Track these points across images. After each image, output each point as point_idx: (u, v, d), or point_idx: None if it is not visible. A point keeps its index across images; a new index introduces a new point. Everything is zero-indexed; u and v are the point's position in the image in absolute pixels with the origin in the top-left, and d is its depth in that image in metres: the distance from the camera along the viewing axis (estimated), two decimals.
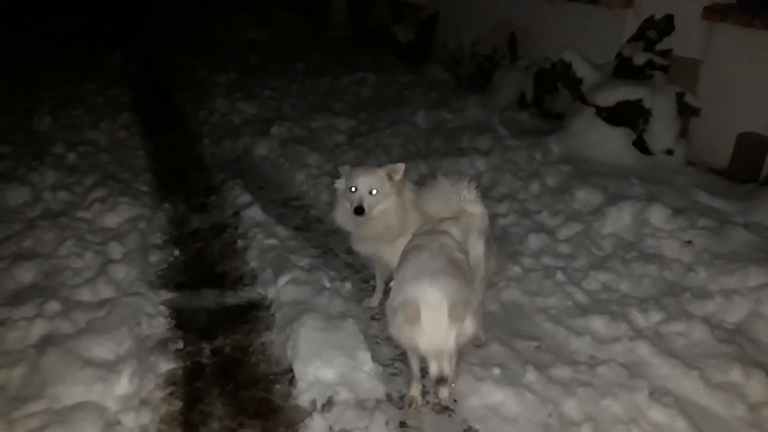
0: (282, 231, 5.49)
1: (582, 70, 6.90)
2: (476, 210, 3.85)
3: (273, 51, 12.44)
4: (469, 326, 3.04)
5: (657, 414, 3.41)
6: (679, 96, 6.47)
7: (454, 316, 2.92)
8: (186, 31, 14.60)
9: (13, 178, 6.12)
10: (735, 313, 4.15)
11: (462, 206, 3.80)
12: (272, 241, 5.26)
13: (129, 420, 3.36)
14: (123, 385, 3.55)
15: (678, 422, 3.35)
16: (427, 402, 3.59)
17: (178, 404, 3.65)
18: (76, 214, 5.54)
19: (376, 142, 7.37)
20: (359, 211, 3.93)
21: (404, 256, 3.46)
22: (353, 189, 3.96)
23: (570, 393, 3.54)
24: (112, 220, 5.48)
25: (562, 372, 3.74)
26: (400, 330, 3.06)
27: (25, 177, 6.16)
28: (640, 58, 6.69)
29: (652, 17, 6.72)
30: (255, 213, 5.77)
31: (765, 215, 5.09)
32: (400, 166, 4.03)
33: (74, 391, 3.41)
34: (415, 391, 3.56)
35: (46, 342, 3.80)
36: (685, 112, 6.51)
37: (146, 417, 3.44)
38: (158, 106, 9.75)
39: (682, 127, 6.57)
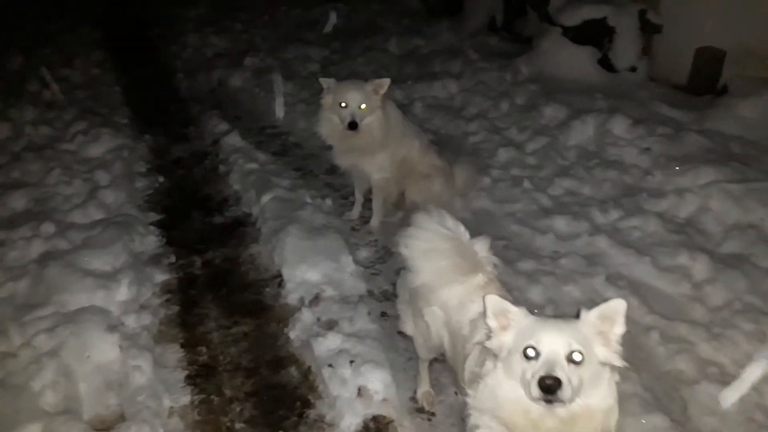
0: (262, 156, 5.69)
1: None
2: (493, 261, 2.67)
3: None
4: None
5: (612, 295, 3.76)
6: (642, 13, 6.66)
7: None
8: None
9: None
10: (686, 208, 4.49)
11: (480, 260, 2.61)
12: (253, 165, 5.48)
13: (131, 321, 3.65)
14: (123, 292, 3.83)
15: (631, 301, 3.70)
16: None
17: (175, 308, 3.96)
18: (60, 146, 5.69)
19: (350, 70, 7.50)
20: (353, 126, 4.10)
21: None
22: (343, 104, 4.13)
23: (534, 281, 3.90)
24: (95, 150, 5.65)
25: (527, 265, 4.08)
26: None
27: (4, 113, 6.25)
28: None
29: None
30: (234, 140, 5.96)
31: (717, 122, 5.40)
32: (386, 81, 4.22)
33: (78, 297, 3.69)
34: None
35: (46, 258, 4.05)
36: (648, 29, 6.71)
37: (147, 319, 3.73)
38: (130, 43, 9.70)
39: (644, 45, 6.78)
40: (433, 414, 3.15)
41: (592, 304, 3.60)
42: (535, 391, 1.85)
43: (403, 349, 3.52)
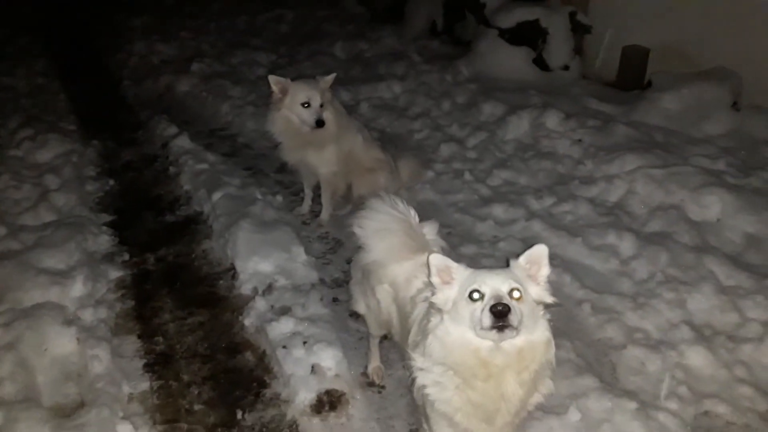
0: (211, 157, 5.79)
1: None
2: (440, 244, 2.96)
3: None
4: None
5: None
6: (572, 15, 7.07)
7: None
8: None
9: None
10: (615, 193, 4.84)
11: (427, 241, 2.86)
12: (203, 166, 5.58)
13: (87, 315, 3.73)
14: (78, 288, 3.91)
15: (564, 277, 4.02)
16: None
17: (130, 303, 4.06)
18: (7, 153, 5.69)
19: (298, 74, 7.61)
20: (321, 123, 4.30)
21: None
22: (305, 104, 4.31)
23: (475, 263, 4.06)
24: (43, 156, 5.66)
25: (469, 249, 4.34)
26: None
27: None
28: None
29: None
30: (183, 142, 6.04)
31: (643, 114, 5.81)
32: (332, 76, 4.47)
33: (33, 294, 3.75)
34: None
35: None
36: (578, 30, 7.13)
37: (103, 313, 3.81)
38: (74, 53, 9.63)
39: (576, 45, 7.19)
40: (383, 387, 3.35)
41: None
42: (487, 320, 2.02)
43: (354, 329, 3.70)
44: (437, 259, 2.22)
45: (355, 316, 3.51)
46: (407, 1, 9.27)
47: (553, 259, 4.16)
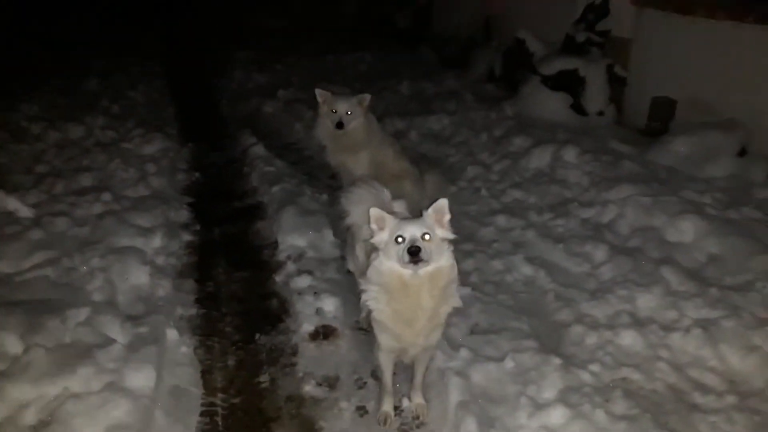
0: (279, 162, 7.02)
1: (533, 45, 8.35)
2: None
3: (289, 35, 14.00)
4: None
5: (526, 269, 4.88)
6: (609, 67, 7.85)
7: None
8: (214, 19, 16.29)
9: (71, 119, 7.78)
10: (607, 215, 5.53)
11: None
12: (271, 168, 6.79)
13: (160, 260, 4.92)
14: (157, 241, 5.12)
15: (540, 273, 4.80)
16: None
17: (194, 258, 5.24)
18: (121, 145, 7.15)
19: None
20: (340, 125, 5.43)
21: None
22: (334, 111, 5.46)
23: (469, 257, 5.01)
24: (148, 149, 7.09)
25: (467, 246, 5.20)
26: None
27: (80, 119, 7.82)
28: (580, 37, 8.09)
29: (592, 2, 8.10)
30: (259, 150, 7.32)
31: (654, 154, 6.48)
32: (367, 96, 5.60)
33: (124, 240, 4.98)
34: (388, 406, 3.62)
35: (104, 214, 5.38)
36: (614, 81, 7.89)
37: (172, 260, 5.00)
38: (185, 77, 11.39)
39: (612, 93, 7.93)
40: (369, 331, 4.26)
41: (508, 274, 4.74)
42: (406, 257, 2.90)
43: (358, 292, 4.65)
44: (375, 211, 3.13)
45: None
46: (472, 50, 10.35)
47: (535, 259, 5.03)
